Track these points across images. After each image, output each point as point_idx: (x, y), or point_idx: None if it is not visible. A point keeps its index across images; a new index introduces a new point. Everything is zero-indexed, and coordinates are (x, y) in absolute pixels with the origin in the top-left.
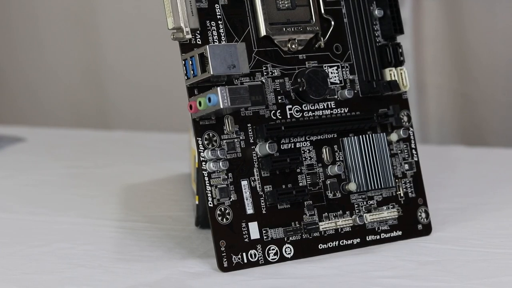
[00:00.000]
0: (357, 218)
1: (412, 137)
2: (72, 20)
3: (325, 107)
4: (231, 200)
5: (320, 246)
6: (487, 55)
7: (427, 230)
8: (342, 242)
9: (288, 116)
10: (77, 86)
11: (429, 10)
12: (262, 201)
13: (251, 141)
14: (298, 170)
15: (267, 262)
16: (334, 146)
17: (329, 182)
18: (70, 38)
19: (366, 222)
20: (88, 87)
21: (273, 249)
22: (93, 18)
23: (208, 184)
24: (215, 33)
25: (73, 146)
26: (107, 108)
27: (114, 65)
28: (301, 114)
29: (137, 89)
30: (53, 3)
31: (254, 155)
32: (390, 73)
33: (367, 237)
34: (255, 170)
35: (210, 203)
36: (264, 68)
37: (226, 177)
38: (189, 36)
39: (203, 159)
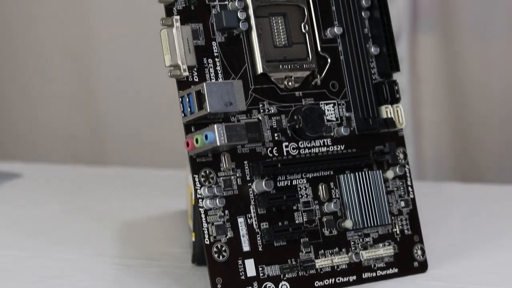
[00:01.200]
0: (353, 256)
1: (408, 174)
2: (68, 55)
3: (322, 144)
4: (227, 237)
5: (316, 284)
6: (483, 92)
7: (423, 267)
8: (339, 280)
9: (285, 153)
10: (73, 121)
11: (425, 46)
12: (259, 238)
13: (248, 178)
14: (295, 207)
15: None
16: (331, 183)
17: (325, 219)
18: (66, 74)
19: (362, 259)
20: (84, 122)
21: (269, 286)
22: (88, 54)
23: (204, 221)
24: (212, 70)
25: (69, 181)
26: (103, 144)
27: (110, 101)
28: (297, 151)
29: (134, 125)
30: (49, 39)
31: (251, 192)
32: (386, 111)
33: (363, 274)
34: (251, 207)
35: (207, 240)
36: (260, 105)
37: (222, 214)
38: (186, 73)
39: (200, 196)
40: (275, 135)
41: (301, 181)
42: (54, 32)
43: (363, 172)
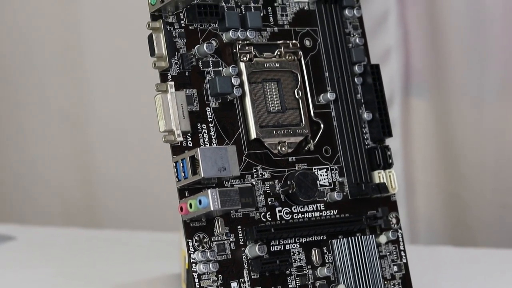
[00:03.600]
0: None
1: (400, 239)
2: (63, 118)
3: (315, 209)
4: None
5: None
6: (476, 154)
7: None
8: None
9: (278, 218)
10: (67, 184)
11: (417, 109)
12: None
13: (241, 243)
14: (288, 272)
15: None
16: (324, 248)
17: (318, 284)
18: (60, 135)
19: None
20: (78, 185)
21: None
22: (83, 116)
23: (198, 286)
24: (206, 135)
25: (63, 244)
26: (97, 207)
27: (104, 164)
28: (290, 216)
29: (128, 189)
30: (44, 101)
31: (244, 256)
32: (379, 176)
33: None
34: (245, 272)
35: None
36: (254, 170)
37: (216, 279)
38: (180, 138)
39: (193, 260)
40: (269, 200)
41: (294, 245)
42: (48, 93)
43: (356, 237)
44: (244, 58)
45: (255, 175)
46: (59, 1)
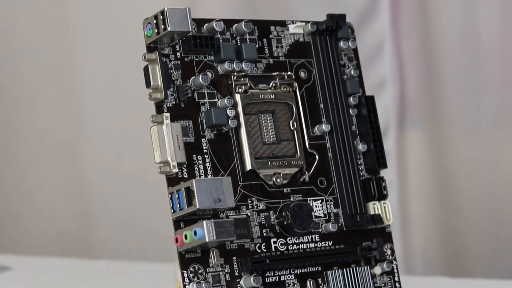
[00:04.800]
0: None
1: (395, 270)
2: (59, 149)
3: (310, 240)
4: None
5: None
6: (471, 185)
7: None
8: None
9: (273, 249)
10: (63, 214)
11: (412, 140)
12: None
13: (236, 274)
14: None
15: None
16: (319, 279)
17: None
18: (56, 167)
19: None
20: (73, 216)
21: None
22: (79, 147)
23: None
24: (201, 167)
25: (58, 275)
26: (93, 237)
27: (100, 195)
28: (285, 247)
29: (123, 219)
30: (39, 131)
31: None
32: (374, 207)
33: None
34: None
35: None
36: (249, 201)
37: None
38: (176, 170)
39: None
40: (264, 231)
41: (289, 277)
42: (43, 123)
43: (350, 268)
44: (240, 90)
45: (250, 206)
46: (55, 32)
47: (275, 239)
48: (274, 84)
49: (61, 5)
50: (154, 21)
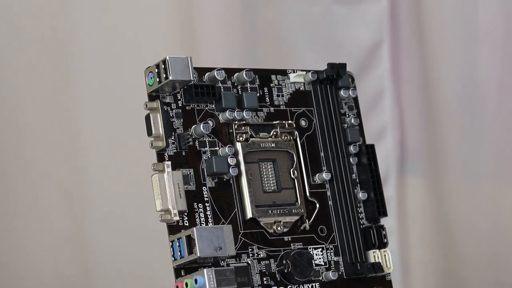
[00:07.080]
0: None
1: None
2: (59, 196)
3: None
4: None
5: None
6: (471, 232)
7: None
8: None
9: None
10: (63, 262)
11: (413, 187)
12: None
13: None
14: None
15: None
16: None
17: None
18: (56, 214)
19: None
20: (73, 263)
21: None
22: (79, 194)
23: None
24: (202, 215)
25: None
26: (93, 285)
27: (100, 242)
28: None
29: (124, 266)
30: (39, 178)
31: None
32: (374, 255)
33: None
34: None
35: None
36: (250, 249)
37: None
38: (177, 218)
39: None
40: (264, 279)
41: None
42: (43, 170)
43: None
44: (241, 138)
45: (250, 254)
46: (54, 77)
47: (275, 287)
48: (275, 133)
49: (62, 54)
50: (156, 70)
